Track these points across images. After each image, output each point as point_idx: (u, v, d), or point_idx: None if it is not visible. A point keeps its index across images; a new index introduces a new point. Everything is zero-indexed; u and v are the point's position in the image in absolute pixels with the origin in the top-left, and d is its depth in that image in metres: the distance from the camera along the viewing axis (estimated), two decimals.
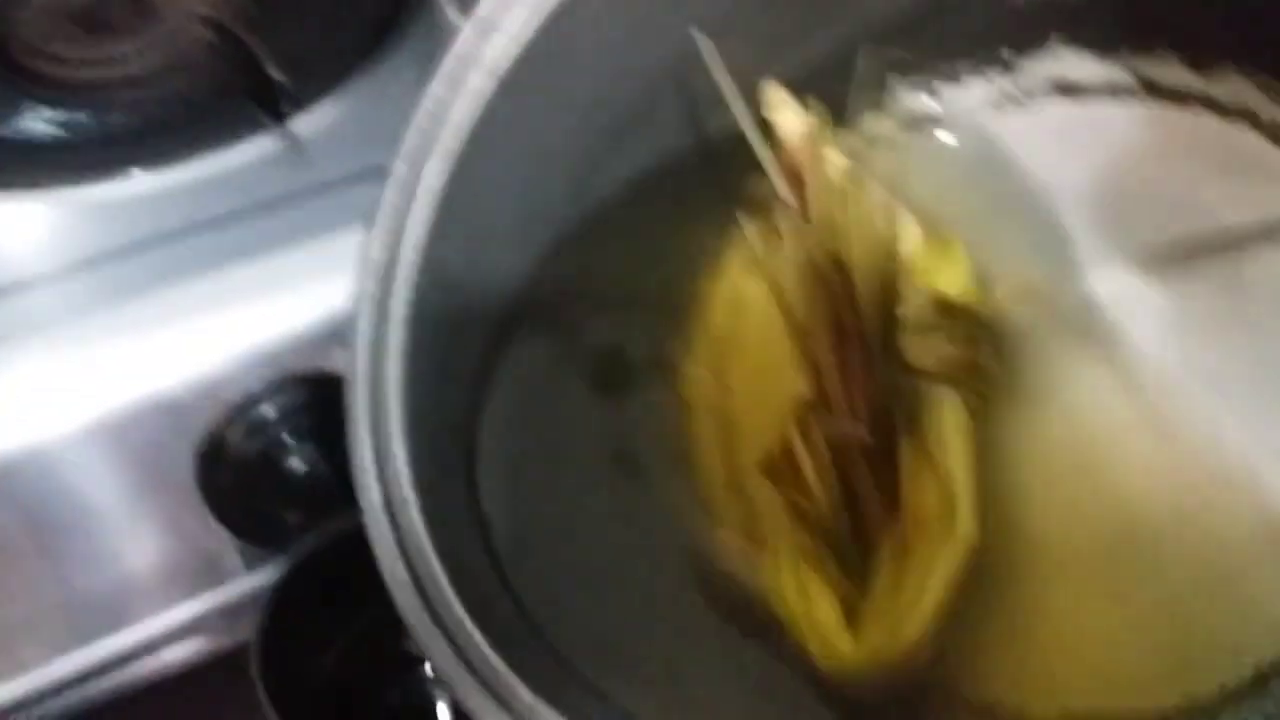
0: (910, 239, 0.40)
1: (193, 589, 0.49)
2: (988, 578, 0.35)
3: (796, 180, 0.40)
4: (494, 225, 0.38)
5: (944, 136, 0.44)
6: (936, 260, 0.39)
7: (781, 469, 0.39)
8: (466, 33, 0.36)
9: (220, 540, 0.48)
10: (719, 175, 0.42)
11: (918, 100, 0.44)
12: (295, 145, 0.51)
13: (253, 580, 0.50)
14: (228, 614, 0.50)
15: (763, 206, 0.41)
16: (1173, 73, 0.39)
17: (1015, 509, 0.36)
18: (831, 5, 0.41)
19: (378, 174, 0.36)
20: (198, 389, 0.44)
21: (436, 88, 0.36)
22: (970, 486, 0.35)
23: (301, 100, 0.52)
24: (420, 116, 0.36)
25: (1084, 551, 0.35)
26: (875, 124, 0.44)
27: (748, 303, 0.42)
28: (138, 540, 0.47)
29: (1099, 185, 0.40)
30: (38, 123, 0.52)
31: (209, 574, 0.49)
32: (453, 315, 0.37)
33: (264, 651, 0.42)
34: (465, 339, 0.37)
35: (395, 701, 0.48)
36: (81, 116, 0.52)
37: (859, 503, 0.37)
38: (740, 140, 0.40)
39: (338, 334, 0.36)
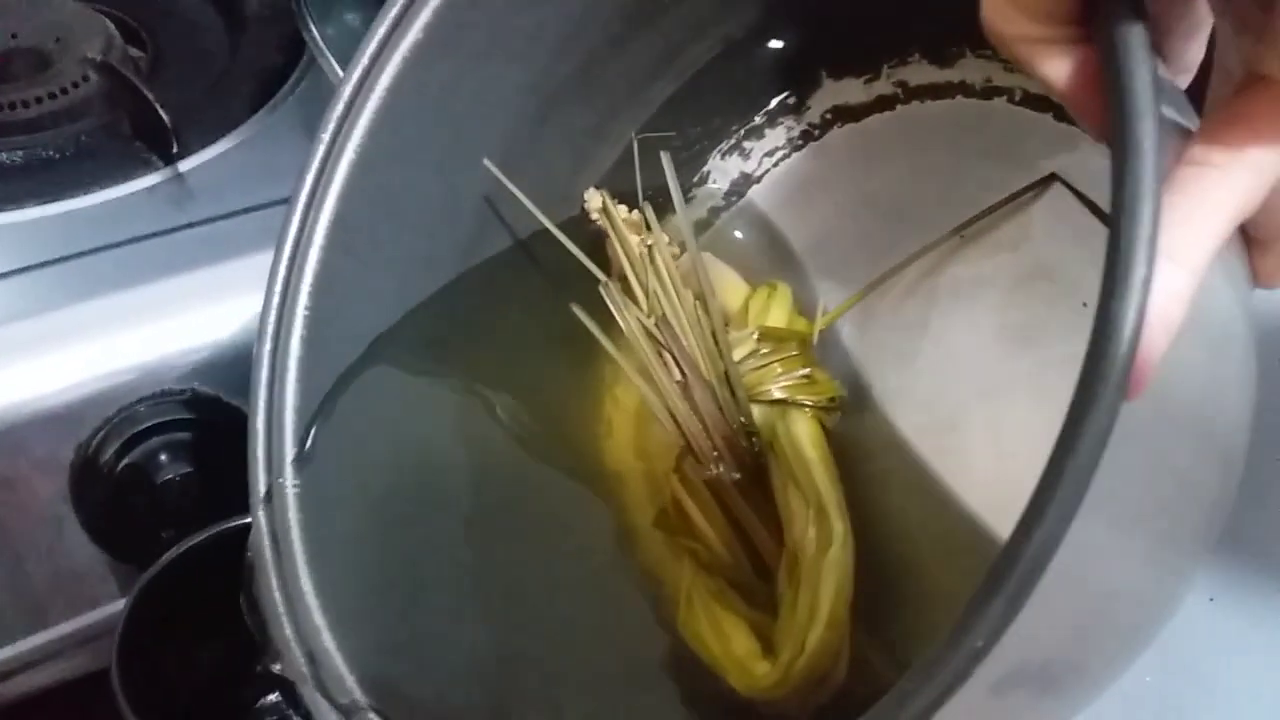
0: (737, 291, 0.43)
1: (60, 613, 0.51)
2: (880, 571, 0.37)
3: (621, 262, 0.43)
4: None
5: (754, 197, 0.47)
6: (764, 302, 0.42)
7: (674, 521, 0.40)
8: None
9: (91, 561, 0.50)
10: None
11: (734, 164, 0.48)
12: (181, 184, 0.54)
13: (120, 605, 0.50)
14: (94, 638, 0.51)
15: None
16: (924, 72, 0.42)
17: (884, 500, 0.38)
18: (612, 106, 0.45)
19: (256, 212, 0.41)
20: (75, 405, 0.47)
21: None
22: (834, 489, 0.37)
23: (190, 144, 0.56)
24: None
25: (951, 532, 0.37)
26: (700, 201, 0.47)
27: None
28: (7, 559, 0.48)
29: (892, 198, 0.43)
30: None
31: (77, 597, 0.51)
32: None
33: (123, 660, 0.43)
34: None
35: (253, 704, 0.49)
36: None
37: (749, 536, 0.39)
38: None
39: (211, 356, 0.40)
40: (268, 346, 0.40)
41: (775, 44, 0.44)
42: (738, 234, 0.46)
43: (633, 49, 0.44)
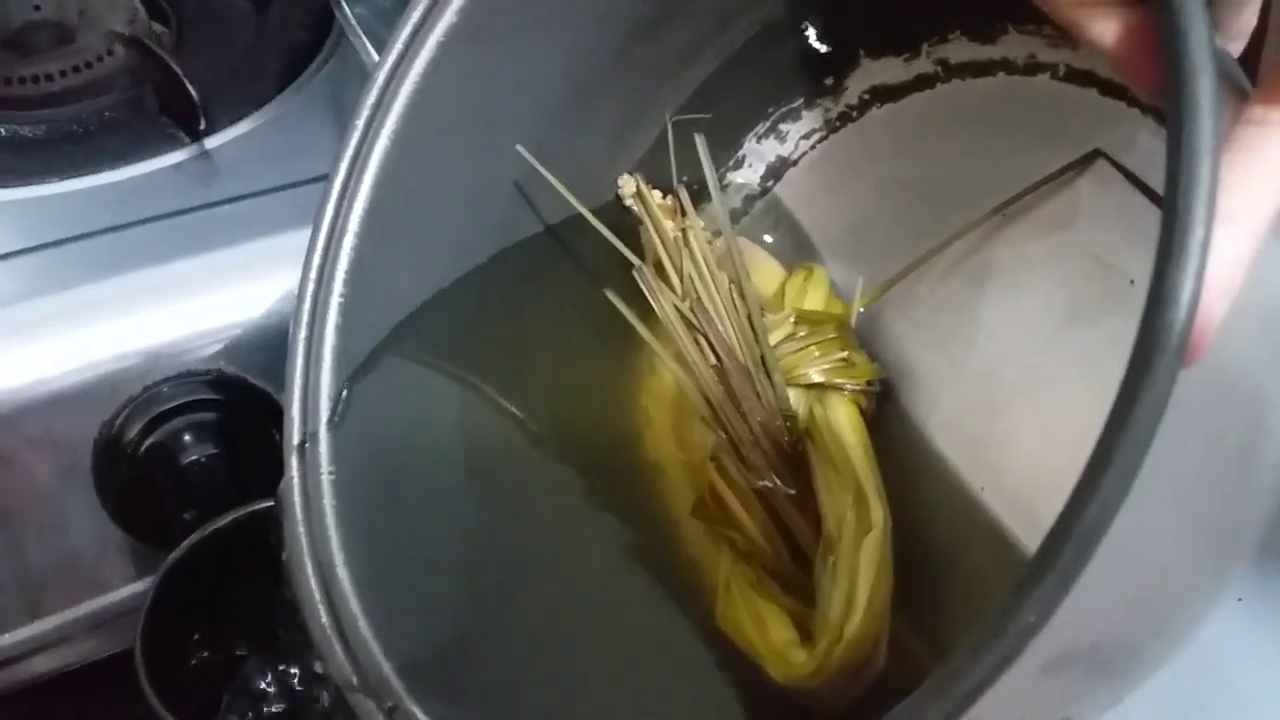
0: (774, 275, 0.42)
1: (81, 594, 0.50)
2: (920, 557, 0.36)
3: (656, 248, 0.42)
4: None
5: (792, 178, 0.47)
6: (801, 285, 0.41)
7: (711, 510, 0.40)
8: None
9: (108, 541, 0.49)
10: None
11: (770, 148, 0.47)
12: (208, 162, 0.54)
13: (141, 586, 0.51)
14: (113, 620, 0.51)
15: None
16: (965, 49, 0.41)
17: (925, 485, 0.38)
18: (647, 90, 0.44)
19: (283, 191, 0.40)
20: (98, 384, 0.46)
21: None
22: (873, 474, 0.36)
23: (220, 120, 0.55)
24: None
25: (994, 517, 0.36)
26: (737, 186, 0.47)
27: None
28: (30, 539, 0.48)
29: (933, 178, 0.42)
30: None
31: (98, 578, 0.50)
32: None
33: (147, 642, 0.42)
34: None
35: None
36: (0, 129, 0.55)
37: (787, 524, 0.39)
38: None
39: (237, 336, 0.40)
40: (303, 334, 0.40)
41: (812, 25, 0.44)
42: (774, 217, 0.46)
43: (668, 31, 0.43)
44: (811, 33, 0.44)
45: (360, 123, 0.40)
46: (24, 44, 0.60)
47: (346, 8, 0.58)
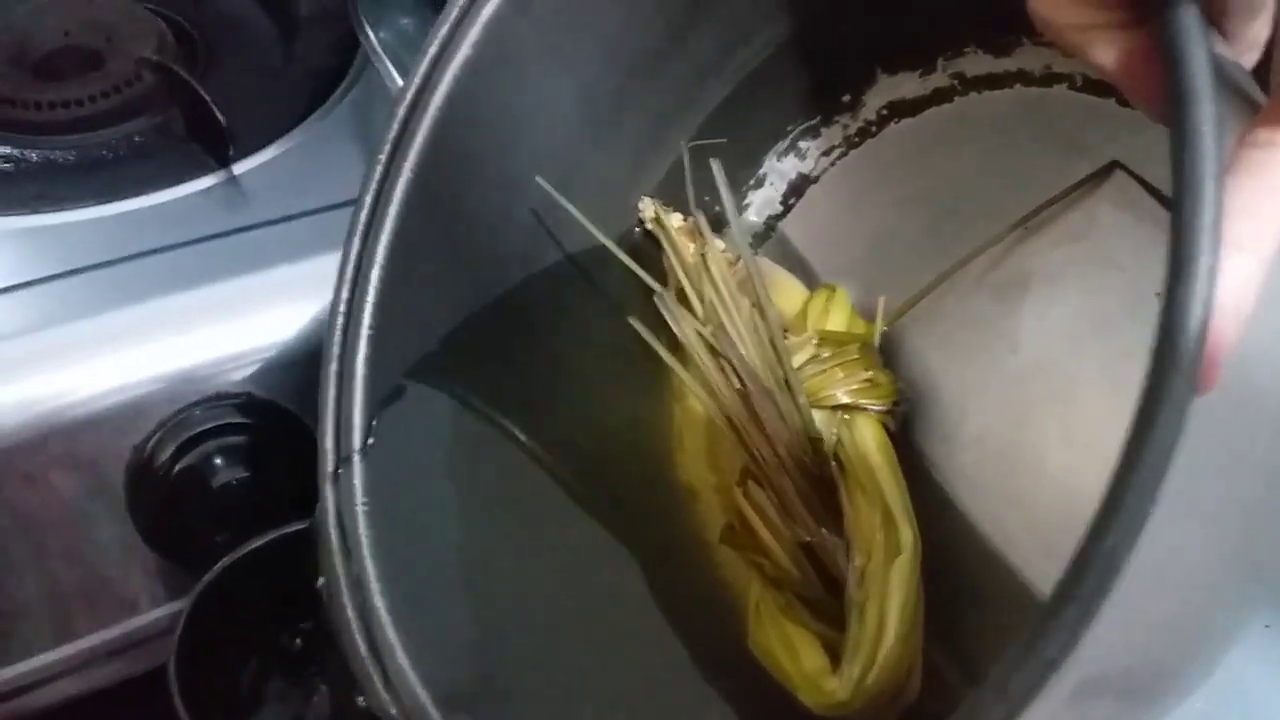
0: (796, 296, 0.42)
1: (111, 615, 0.50)
2: (950, 578, 0.36)
3: (677, 273, 0.42)
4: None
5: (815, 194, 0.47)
6: (823, 306, 0.41)
7: (740, 536, 0.40)
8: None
9: (142, 563, 0.49)
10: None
11: (790, 165, 0.47)
12: (236, 187, 0.54)
13: (170, 609, 0.50)
14: (143, 642, 0.51)
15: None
16: (981, 63, 0.41)
17: (952, 503, 0.37)
18: (665, 112, 0.45)
19: (311, 217, 0.41)
20: (129, 408, 0.46)
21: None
22: (901, 495, 0.36)
23: (247, 146, 0.55)
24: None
25: (1022, 533, 0.36)
26: (757, 205, 0.47)
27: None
28: (61, 560, 0.48)
29: (953, 193, 0.42)
30: None
31: (128, 599, 0.50)
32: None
33: (181, 663, 0.43)
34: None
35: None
36: (31, 154, 0.55)
37: (815, 549, 0.38)
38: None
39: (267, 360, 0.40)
40: (334, 367, 0.40)
41: (827, 42, 0.44)
42: (795, 236, 0.46)
43: (684, 55, 0.44)
44: (826, 51, 0.44)
45: (383, 157, 0.41)
46: (53, 69, 0.61)
47: (371, 33, 0.58)
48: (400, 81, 0.54)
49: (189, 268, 0.49)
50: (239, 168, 0.55)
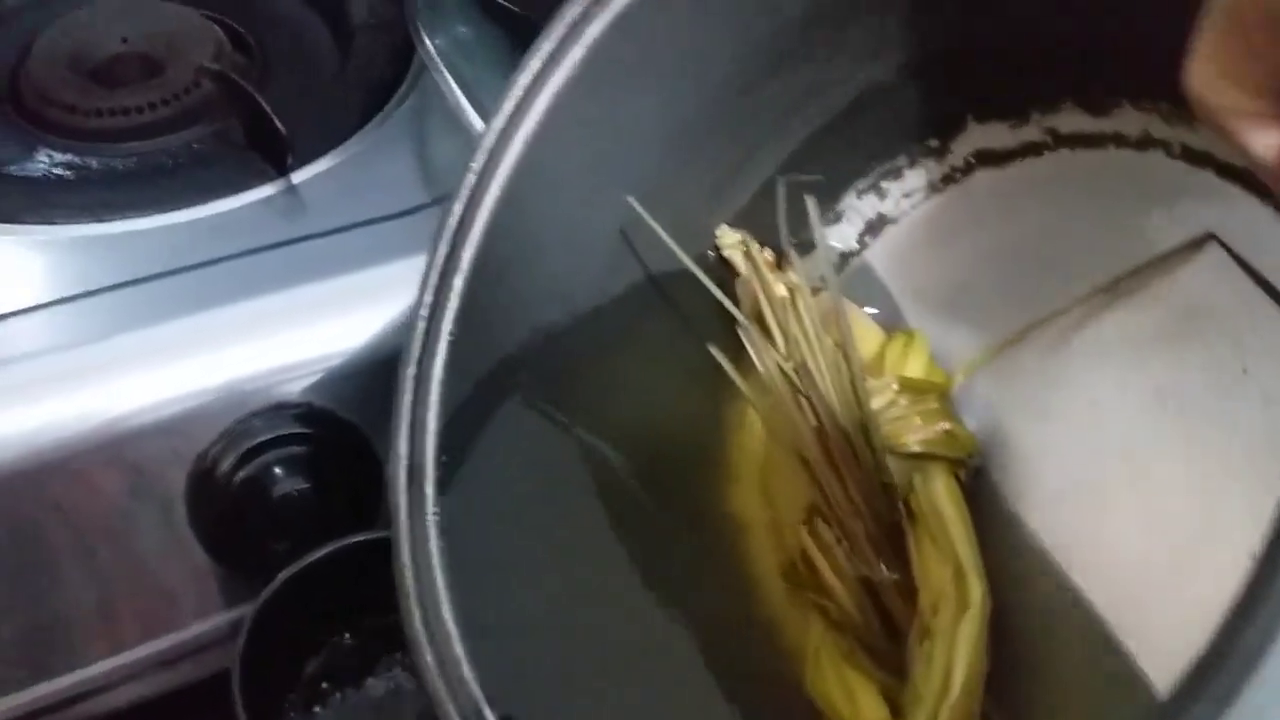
0: (873, 338, 0.42)
1: (172, 622, 0.51)
2: (1012, 638, 0.36)
3: (755, 305, 0.43)
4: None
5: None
6: (901, 350, 0.42)
7: (803, 575, 0.40)
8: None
9: (202, 572, 0.50)
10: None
11: (870, 205, 0.47)
12: (294, 197, 0.54)
13: (225, 617, 0.51)
14: (203, 649, 0.51)
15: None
16: (1076, 120, 0.41)
17: (1019, 562, 0.37)
18: (751, 142, 0.45)
19: (368, 227, 0.44)
20: (189, 417, 0.47)
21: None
22: (972, 550, 0.36)
23: (304, 154, 0.55)
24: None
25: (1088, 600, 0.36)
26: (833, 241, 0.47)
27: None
28: (123, 567, 0.49)
29: (1036, 247, 0.42)
30: (47, 165, 0.56)
31: (189, 607, 0.51)
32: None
33: (245, 668, 0.43)
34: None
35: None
36: (91, 161, 0.56)
37: (879, 595, 0.39)
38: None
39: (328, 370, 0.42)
40: (411, 370, 0.41)
41: (922, 86, 0.44)
42: (873, 277, 0.46)
43: (776, 87, 0.44)
44: (918, 95, 0.44)
45: (476, 165, 0.41)
46: (111, 76, 0.60)
47: (428, 40, 0.58)
48: (456, 89, 0.54)
49: (249, 277, 0.50)
50: (297, 176, 0.55)
